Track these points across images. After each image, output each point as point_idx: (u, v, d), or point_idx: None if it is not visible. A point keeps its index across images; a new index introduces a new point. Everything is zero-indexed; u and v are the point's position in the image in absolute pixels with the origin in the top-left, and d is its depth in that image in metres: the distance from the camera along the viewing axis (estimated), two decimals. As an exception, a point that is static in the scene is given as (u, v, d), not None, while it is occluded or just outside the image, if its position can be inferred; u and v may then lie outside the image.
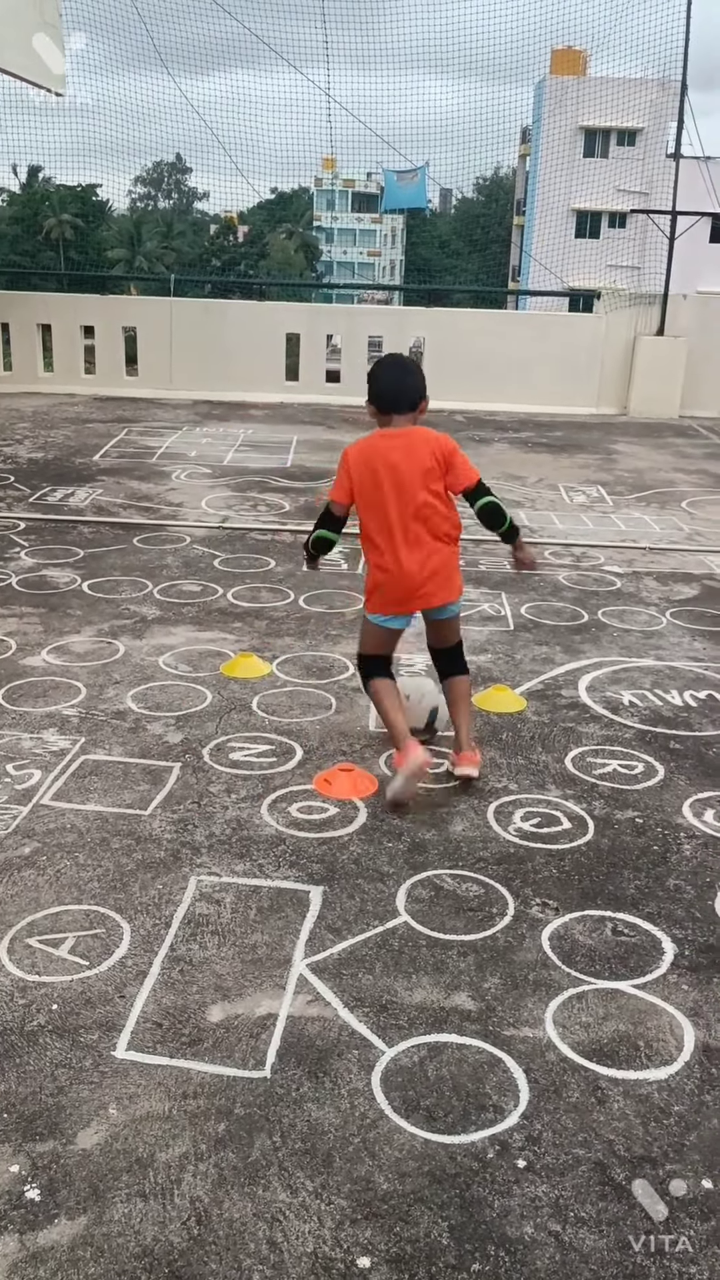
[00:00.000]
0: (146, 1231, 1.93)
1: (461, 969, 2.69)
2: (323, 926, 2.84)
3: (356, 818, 3.41)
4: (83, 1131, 2.15)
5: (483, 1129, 2.19)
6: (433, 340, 13.17)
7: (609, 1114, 2.25)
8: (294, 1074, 2.32)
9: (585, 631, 5.26)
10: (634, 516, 7.83)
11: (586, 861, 3.22)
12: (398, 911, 2.92)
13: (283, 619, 5.27)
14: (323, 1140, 2.15)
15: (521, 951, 2.77)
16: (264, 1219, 1.97)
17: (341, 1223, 1.97)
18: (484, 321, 14.07)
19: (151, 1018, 2.47)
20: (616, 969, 2.72)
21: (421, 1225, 1.97)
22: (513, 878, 3.11)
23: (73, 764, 3.70)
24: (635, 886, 3.09)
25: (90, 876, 3.04)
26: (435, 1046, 2.42)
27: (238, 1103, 2.24)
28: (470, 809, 3.50)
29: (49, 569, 5.97)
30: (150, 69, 17.21)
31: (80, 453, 9.42)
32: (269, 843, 3.25)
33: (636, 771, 3.81)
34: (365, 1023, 2.48)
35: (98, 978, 2.60)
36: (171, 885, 3.01)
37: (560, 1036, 2.46)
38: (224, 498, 7.87)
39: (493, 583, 6.01)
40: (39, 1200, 1.99)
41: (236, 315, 13.41)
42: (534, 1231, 1.96)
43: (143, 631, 5.02)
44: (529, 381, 12.79)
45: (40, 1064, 2.32)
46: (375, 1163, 2.10)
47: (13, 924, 2.80)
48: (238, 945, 2.75)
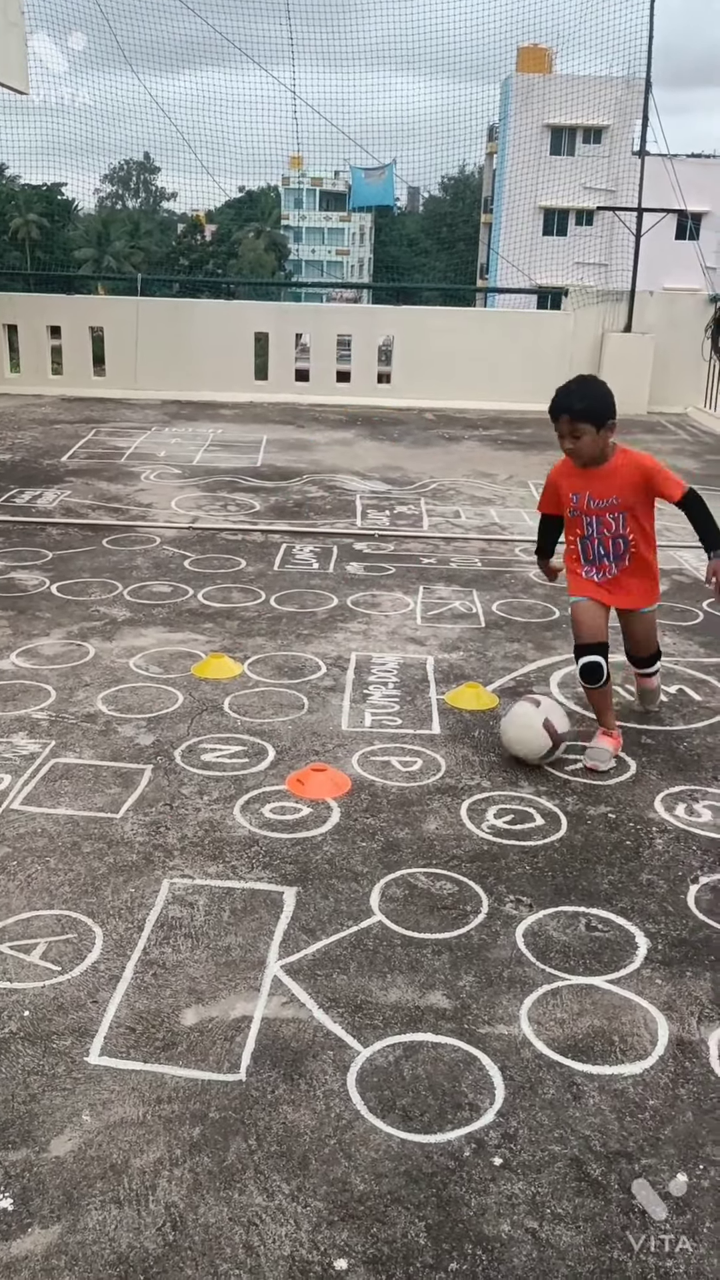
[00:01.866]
0: (121, 1239, 1.92)
1: (436, 967, 2.68)
2: (297, 927, 2.83)
3: (330, 818, 3.40)
4: (56, 1139, 2.13)
5: (459, 1127, 2.19)
6: (402, 339, 13.17)
7: (584, 1109, 2.25)
8: (269, 1076, 2.31)
9: (556, 628, 5.28)
10: (604, 513, 7.85)
11: (560, 858, 3.23)
12: (372, 911, 2.91)
13: (254, 619, 5.25)
14: (299, 1142, 2.14)
15: (496, 949, 2.77)
16: (240, 1223, 1.96)
17: (318, 1225, 1.96)
18: (453, 320, 14.09)
19: (125, 1022, 2.45)
20: (590, 964, 2.72)
21: (398, 1225, 1.96)
22: (486, 875, 3.11)
23: (43, 768, 3.67)
24: (608, 882, 3.10)
25: (61, 881, 3.01)
26: (410, 1046, 2.41)
27: (212, 1106, 2.22)
28: (443, 807, 3.50)
29: (17, 571, 5.92)
30: (115, 68, 17.10)
31: (48, 454, 9.35)
32: (242, 844, 3.23)
33: (609, 767, 3.82)
34: (340, 1023, 2.47)
35: (70, 983, 2.58)
36: (144, 888, 2.98)
37: (535, 1033, 2.47)
38: (194, 498, 7.84)
39: (464, 580, 6.02)
40: (12, 1209, 1.97)
41: (205, 315, 13.36)
42: (511, 1229, 1.96)
43: (113, 633, 4.99)
44: (498, 379, 12.82)
45: (12, 1071, 2.30)
46: (351, 1164, 2.09)
47: (-17, 930, 2.77)
48: (211, 948, 2.73)
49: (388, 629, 5.19)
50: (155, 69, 18.75)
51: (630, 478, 3.79)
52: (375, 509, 7.70)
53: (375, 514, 7.55)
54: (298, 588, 5.77)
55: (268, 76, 19.24)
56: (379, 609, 5.47)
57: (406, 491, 8.32)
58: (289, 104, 31.84)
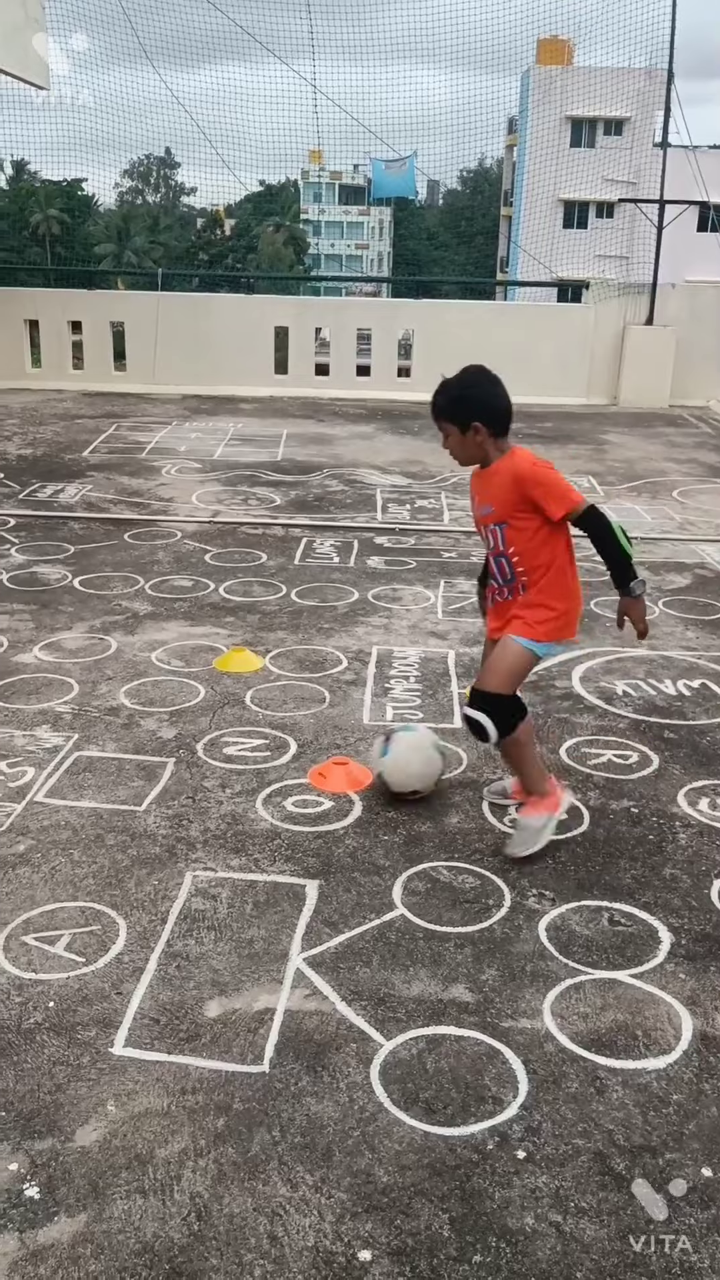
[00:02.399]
0: (146, 1228, 1.93)
1: (459, 961, 2.68)
2: (319, 920, 2.83)
3: (351, 811, 3.41)
4: (81, 1129, 2.14)
5: (482, 1120, 2.19)
6: (422, 333, 13.14)
7: (608, 1104, 2.25)
8: (292, 1068, 2.31)
9: (579, 621, 5.25)
10: (625, 506, 7.83)
11: (582, 852, 3.22)
12: (394, 904, 2.91)
13: (275, 613, 5.26)
14: (322, 1134, 2.15)
15: (519, 943, 2.77)
16: (264, 1214, 1.96)
17: (342, 1216, 1.96)
18: (473, 313, 14.04)
19: (149, 1014, 2.47)
20: (614, 959, 2.72)
21: (422, 1218, 1.96)
22: (509, 869, 3.10)
23: (66, 760, 3.68)
24: (631, 876, 3.09)
25: (85, 873, 3.03)
26: (434, 1039, 2.41)
27: (236, 1098, 2.23)
28: (465, 801, 3.50)
29: (40, 565, 5.95)
30: (136, 63, 17.14)
31: (69, 449, 9.39)
32: (264, 837, 3.24)
33: (631, 761, 3.81)
34: (363, 1016, 2.48)
35: (94, 974, 2.60)
36: (167, 881, 3.00)
37: (558, 1027, 2.46)
38: (215, 492, 7.85)
39: (485, 574, 6.00)
40: (38, 1198, 1.98)
41: (225, 309, 13.37)
42: (535, 1222, 1.96)
43: (135, 627, 5.00)
44: (519, 373, 12.65)
45: (38, 1061, 2.31)
46: (375, 1156, 2.10)
47: (8, 921, 2.79)
48: (234, 940, 2.74)
49: (409, 623, 5.18)
50: (175, 64, 18.79)
51: (504, 484, 3.17)
52: (396, 503, 7.69)
53: (396, 508, 7.54)
54: (319, 582, 5.77)
55: (288, 70, 19.20)
56: (400, 603, 5.47)
57: (427, 485, 8.30)
58: (309, 98, 31.77)
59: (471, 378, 3.31)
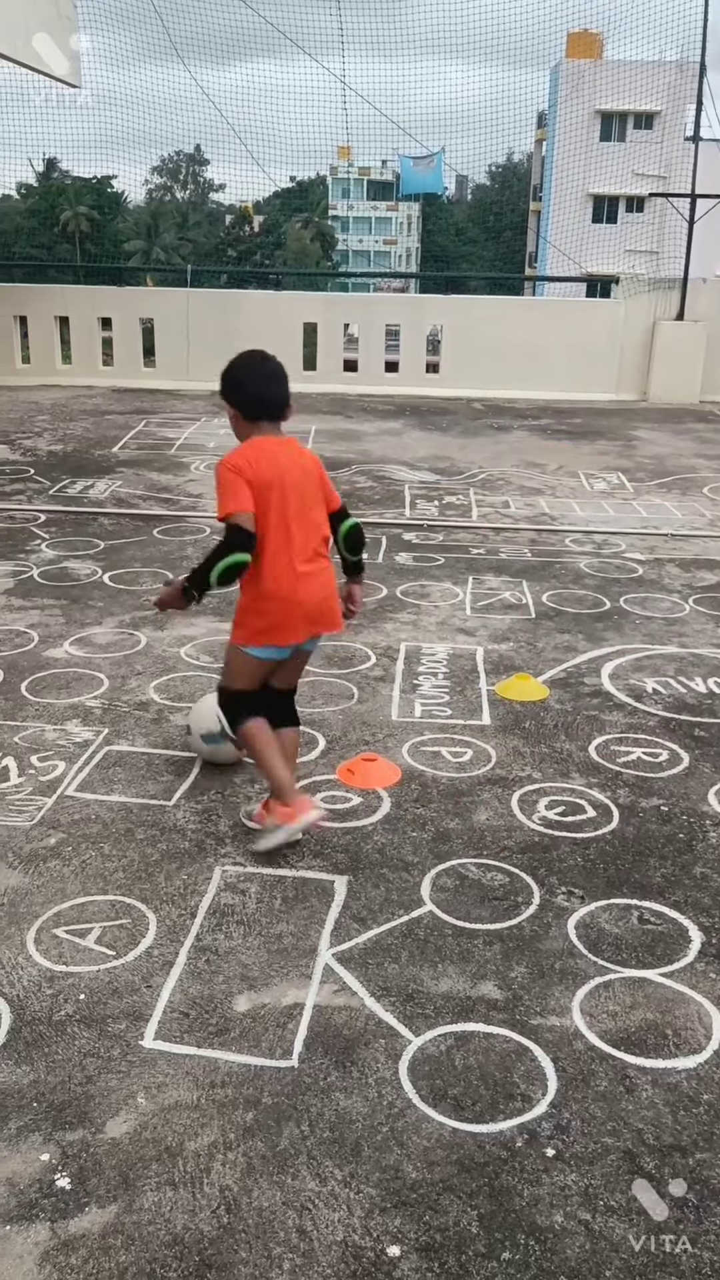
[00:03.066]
0: (177, 1220, 1.94)
1: (487, 958, 2.68)
2: (348, 916, 2.84)
3: (380, 807, 3.41)
4: (112, 1120, 2.16)
5: (511, 1118, 2.19)
6: (450, 328, 13.11)
7: (638, 1103, 2.24)
8: (321, 1063, 2.32)
9: (607, 619, 5.23)
10: (655, 503, 7.78)
11: (612, 850, 3.21)
12: (423, 901, 2.91)
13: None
14: (351, 1129, 2.15)
15: (547, 940, 2.76)
16: (293, 1207, 1.97)
17: (371, 1211, 1.97)
18: (502, 308, 14.00)
19: (178, 1007, 2.48)
20: (643, 957, 2.70)
21: (451, 1214, 1.96)
22: (538, 866, 3.10)
23: (96, 755, 3.71)
24: (661, 874, 3.08)
25: (115, 867, 3.05)
26: (462, 1035, 2.41)
27: (265, 1092, 2.24)
28: (494, 798, 3.49)
29: (70, 561, 5.99)
30: (166, 61, 17.18)
31: (99, 445, 9.44)
32: (293, 832, 3.24)
33: (661, 759, 3.79)
34: (392, 1012, 2.48)
35: (124, 968, 2.61)
36: (196, 875, 3.01)
37: (588, 1025, 2.46)
38: (243, 488, 7.86)
39: (514, 571, 5.99)
40: (70, 1189, 2.00)
41: (253, 305, 13.39)
42: (564, 1220, 1.96)
43: (164, 623, 5.02)
44: (547, 368, 12.72)
45: (69, 1053, 2.33)
46: (404, 1151, 2.10)
47: (39, 914, 2.82)
48: (263, 935, 2.75)
49: (437, 619, 5.18)
50: (206, 61, 18.80)
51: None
52: (424, 499, 7.68)
53: (424, 504, 7.53)
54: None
55: (317, 66, 19.20)
56: (428, 599, 5.46)
57: (455, 482, 8.29)
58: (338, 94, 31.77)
59: (238, 358, 3.23)
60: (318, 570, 3.08)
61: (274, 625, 3.06)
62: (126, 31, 18.53)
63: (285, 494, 3.02)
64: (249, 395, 3.17)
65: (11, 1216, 1.94)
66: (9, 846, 3.14)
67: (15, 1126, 2.14)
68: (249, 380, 3.18)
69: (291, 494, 3.03)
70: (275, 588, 3.02)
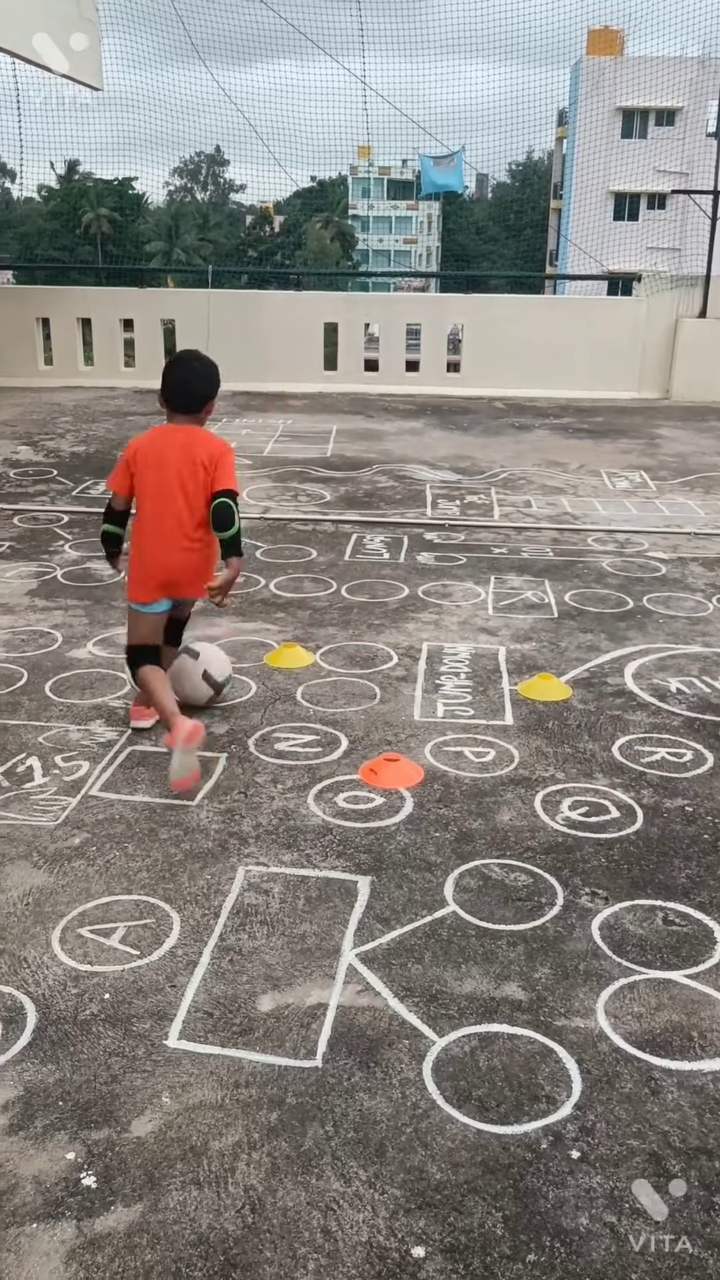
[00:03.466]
0: (201, 1219, 1.95)
1: (511, 959, 2.67)
2: (371, 916, 2.84)
3: (403, 807, 3.41)
4: (137, 1119, 2.17)
5: (536, 1119, 2.18)
6: (471, 327, 13.09)
7: (663, 1105, 2.23)
8: (345, 1063, 2.32)
9: (630, 618, 5.21)
10: (678, 502, 7.75)
11: (636, 850, 3.19)
12: (446, 901, 2.91)
13: (325, 609, 5.27)
14: (375, 1130, 2.15)
15: (571, 941, 2.75)
16: (318, 1208, 1.97)
17: (395, 1212, 1.97)
18: (522, 307, 13.96)
19: (202, 1007, 2.49)
20: (668, 959, 2.69)
21: (476, 1215, 1.96)
22: (561, 867, 3.09)
23: (120, 755, 3.72)
24: (686, 875, 3.06)
25: (139, 867, 3.06)
26: (486, 1036, 2.41)
27: (289, 1092, 2.24)
28: (517, 798, 3.48)
29: (93, 561, 6.01)
30: (187, 62, 17.24)
31: (121, 445, 9.46)
32: (316, 833, 3.25)
33: (685, 759, 3.77)
34: (415, 1012, 2.48)
35: (149, 967, 2.62)
36: (220, 875, 3.02)
37: (612, 1027, 2.45)
38: (265, 488, 7.88)
39: (536, 570, 5.97)
40: (95, 1187, 2.01)
41: (274, 306, 13.41)
42: (589, 1223, 1.95)
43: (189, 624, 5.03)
44: (569, 367, 12.68)
45: (94, 1053, 2.34)
46: (428, 1152, 2.10)
47: (64, 914, 2.83)
48: (287, 935, 2.75)
49: (459, 619, 5.17)
50: (226, 62, 18.86)
51: None
52: (446, 499, 7.67)
53: (446, 504, 7.52)
54: (369, 578, 5.77)
55: (338, 66, 19.18)
56: (450, 599, 5.45)
57: (477, 481, 8.27)
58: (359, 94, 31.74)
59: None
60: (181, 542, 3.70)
61: (134, 584, 3.81)
62: (147, 33, 18.56)
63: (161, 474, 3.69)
64: (163, 387, 3.84)
65: (38, 1214, 1.95)
66: (34, 846, 3.15)
67: (41, 1125, 2.15)
68: (164, 375, 3.84)
69: (169, 475, 3.68)
70: (139, 554, 3.79)
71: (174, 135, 54.68)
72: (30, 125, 28.92)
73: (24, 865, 3.06)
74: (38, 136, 27.58)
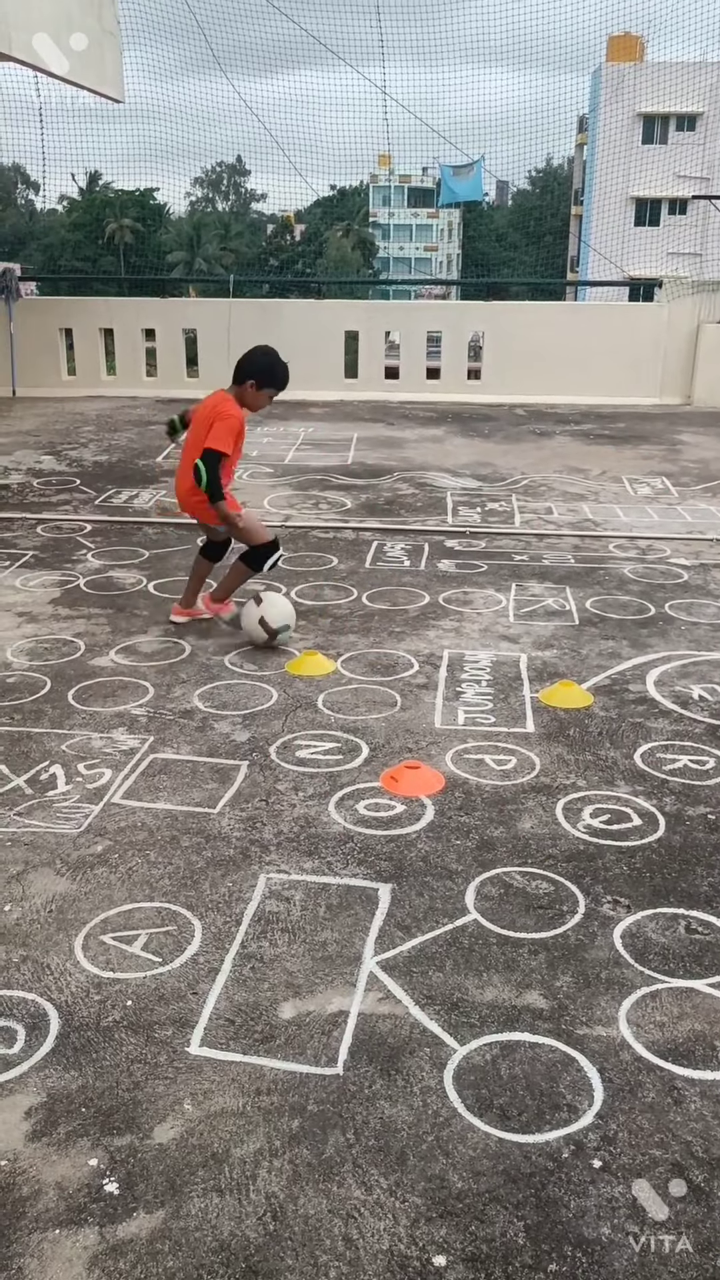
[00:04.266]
0: (223, 1226, 1.95)
1: (533, 967, 2.67)
2: (392, 924, 2.84)
3: (424, 815, 3.41)
4: (159, 1126, 2.17)
5: (557, 1128, 2.17)
6: (492, 334, 13.10)
7: (686, 1115, 2.22)
8: (366, 1071, 2.32)
9: (652, 625, 5.20)
10: (700, 508, 7.72)
11: (658, 858, 3.18)
12: (467, 909, 2.91)
13: (346, 616, 5.28)
14: (396, 1138, 2.15)
15: (593, 949, 2.74)
16: (339, 1215, 1.97)
17: (416, 1220, 1.96)
18: (543, 314, 13.96)
19: (224, 1014, 2.49)
20: (691, 967, 2.68)
21: (497, 1224, 1.96)
22: (583, 875, 3.08)
23: (142, 763, 3.74)
24: (709, 883, 3.05)
25: (161, 874, 3.07)
26: (508, 1045, 2.40)
27: (311, 1099, 2.25)
28: (538, 806, 3.47)
29: (115, 570, 6.05)
30: (209, 73, 17.35)
31: (143, 454, 9.53)
32: (337, 840, 3.25)
33: (708, 767, 3.75)
34: (436, 1020, 2.47)
35: (170, 974, 2.63)
36: (241, 883, 3.03)
37: (634, 1036, 2.44)
38: (286, 496, 7.91)
39: (557, 577, 5.96)
40: (118, 1194, 2.02)
41: (295, 314, 13.46)
42: (611, 1233, 1.94)
43: (208, 631, 5.06)
44: (590, 373, 12.66)
45: (116, 1059, 2.35)
46: (449, 1161, 2.10)
47: (87, 921, 2.85)
48: (308, 942, 2.76)
49: (480, 626, 5.17)
50: (247, 72, 18.94)
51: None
52: (466, 506, 7.67)
53: (466, 511, 7.52)
54: (389, 585, 5.78)
55: (358, 76, 19.26)
56: (471, 606, 5.45)
57: (498, 488, 8.27)
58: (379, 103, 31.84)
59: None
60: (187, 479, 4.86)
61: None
62: (169, 45, 18.75)
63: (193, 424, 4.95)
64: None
65: (61, 1220, 1.96)
66: (57, 854, 3.17)
67: (64, 1131, 2.16)
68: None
69: (196, 425, 4.90)
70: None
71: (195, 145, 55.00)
72: (52, 137, 29.18)
73: (47, 872, 3.08)
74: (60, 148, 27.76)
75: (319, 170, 79.58)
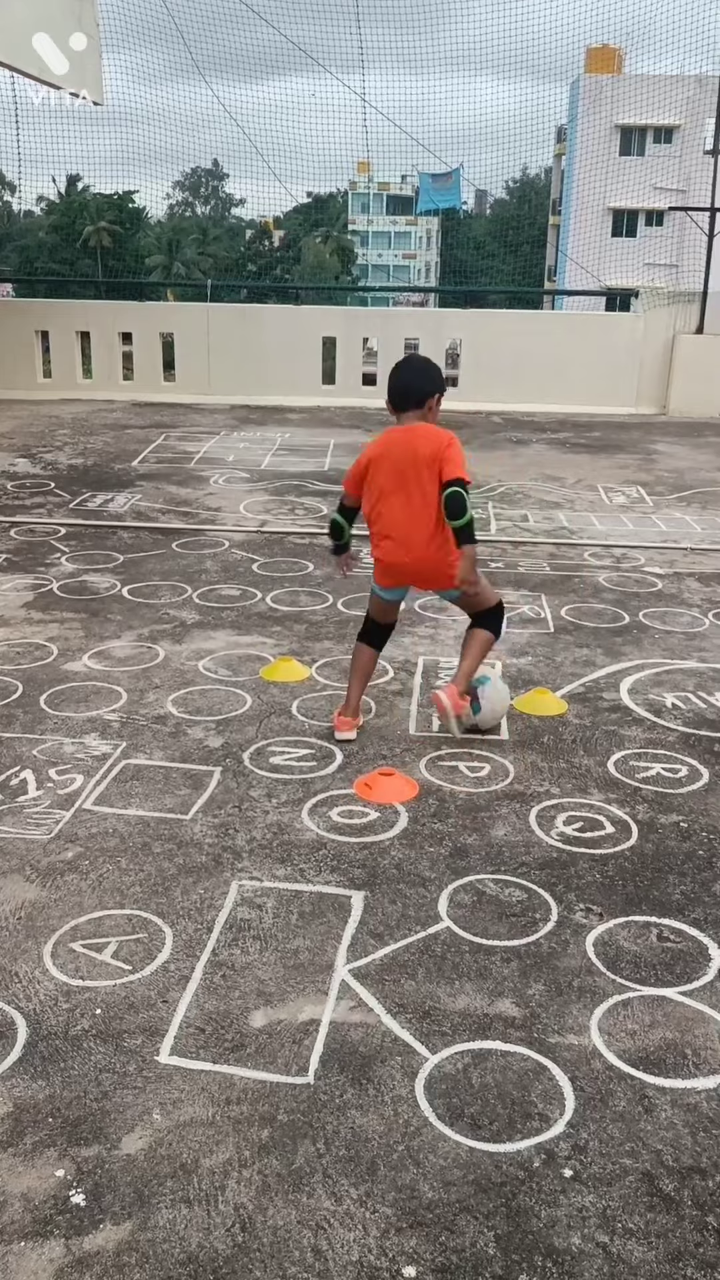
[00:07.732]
0: (191, 1238, 1.93)
1: (505, 975, 2.66)
2: (364, 932, 2.83)
3: (397, 822, 3.40)
4: (127, 1136, 2.15)
5: (528, 1137, 2.17)
6: (470, 342, 13.13)
7: (656, 1123, 2.22)
8: (337, 1080, 2.31)
9: (626, 633, 5.21)
10: (675, 517, 7.76)
11: (630, 866, 3.18)
12: (440, 917, 2.90)
13: (321, 623, 5.27)
14: (366, 1147, 2.14)
15: (565, 958, 2.74)
16: (309, 1226, 1.96)
17: (386, 1231, 1.95)
18: (521, 322, 14.01)
19: (194, 1023, 2.47)
20: (662, 975, 2.68)
21: (467, 1235, 1.95)
22: (556, 883, 3.08)
23: (114, 768, 3.71)
24: (681, 892, 3.05)
25: (132, 881, 3.05)
26: (479, 1053, 2.40)
27: (281, 1109, 2.23)
28: (512, 813, 3.47)
29: (89, 574, 6.01)
30: (188, 78, 17.36)
31: (119, 458, 9.49)
32: (310, 847, 3.24)
33: (681, 775, 3.76)
34: (408, 1029, 2.46)
35: (140, 982, 2.61)
36: (213, 890, 3.01)
37: (606, 1044, 2.43)
38: (262, 502, 7.89)
39: (532, 585, 5.97)
40: (84, 1205, 1.99)
41: (272, 319, 13.45)
42: (581, 1242, 1.94)
43: (182, 636, 5.04)
44: (566, 382, 12.71)
45: (84, 1069, 2.33)
46: (420, 1171, 2.08)
47: (56, 928, 2.82)
48: (279, 950, 2.74)
49: (455, 633, 5.16)
50: (227, 78, 18.96)
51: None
52: (442, 513, 7.66)
53: (442, 518, 7.51)
54: (365, 591, 5.75)
55: (339, 83, 19.33)
56: (446, 613, 5.45)
57: (474, 495, 8.27)
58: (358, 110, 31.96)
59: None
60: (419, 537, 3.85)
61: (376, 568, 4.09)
62: (149, 49, 18.68)
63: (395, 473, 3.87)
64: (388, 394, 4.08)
65: (26, 1233, 1.93)
66: (27, 860, 3.14)
67: (31, 1142, 2.13)
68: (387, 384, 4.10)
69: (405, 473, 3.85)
70: (375, 542, 4.01)
71: (175, 150, 54.98)
72: (31, 139, 29.07)
73: (16, 879, 3.05)
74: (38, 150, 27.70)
75: (298, 176, 79.75)
